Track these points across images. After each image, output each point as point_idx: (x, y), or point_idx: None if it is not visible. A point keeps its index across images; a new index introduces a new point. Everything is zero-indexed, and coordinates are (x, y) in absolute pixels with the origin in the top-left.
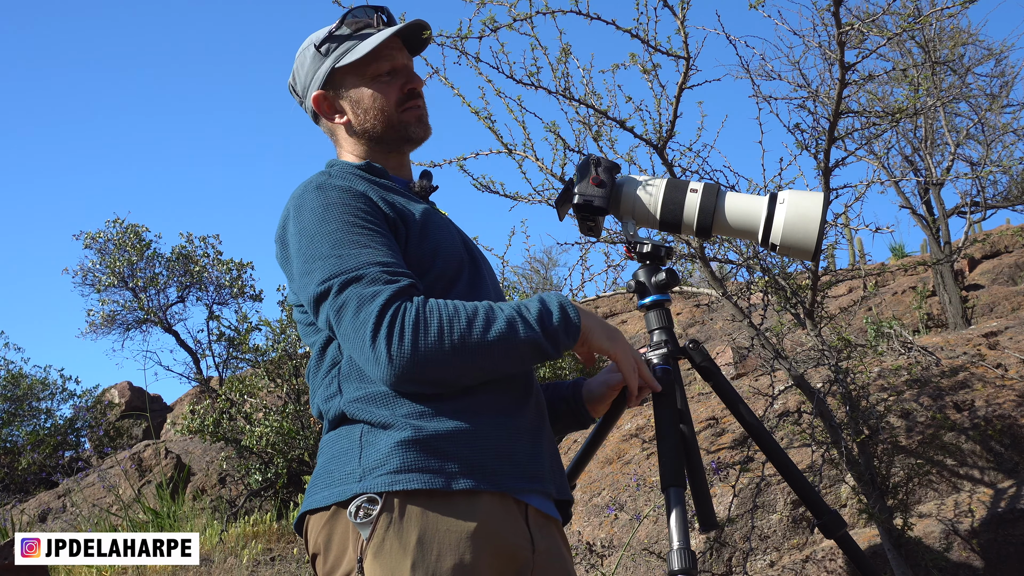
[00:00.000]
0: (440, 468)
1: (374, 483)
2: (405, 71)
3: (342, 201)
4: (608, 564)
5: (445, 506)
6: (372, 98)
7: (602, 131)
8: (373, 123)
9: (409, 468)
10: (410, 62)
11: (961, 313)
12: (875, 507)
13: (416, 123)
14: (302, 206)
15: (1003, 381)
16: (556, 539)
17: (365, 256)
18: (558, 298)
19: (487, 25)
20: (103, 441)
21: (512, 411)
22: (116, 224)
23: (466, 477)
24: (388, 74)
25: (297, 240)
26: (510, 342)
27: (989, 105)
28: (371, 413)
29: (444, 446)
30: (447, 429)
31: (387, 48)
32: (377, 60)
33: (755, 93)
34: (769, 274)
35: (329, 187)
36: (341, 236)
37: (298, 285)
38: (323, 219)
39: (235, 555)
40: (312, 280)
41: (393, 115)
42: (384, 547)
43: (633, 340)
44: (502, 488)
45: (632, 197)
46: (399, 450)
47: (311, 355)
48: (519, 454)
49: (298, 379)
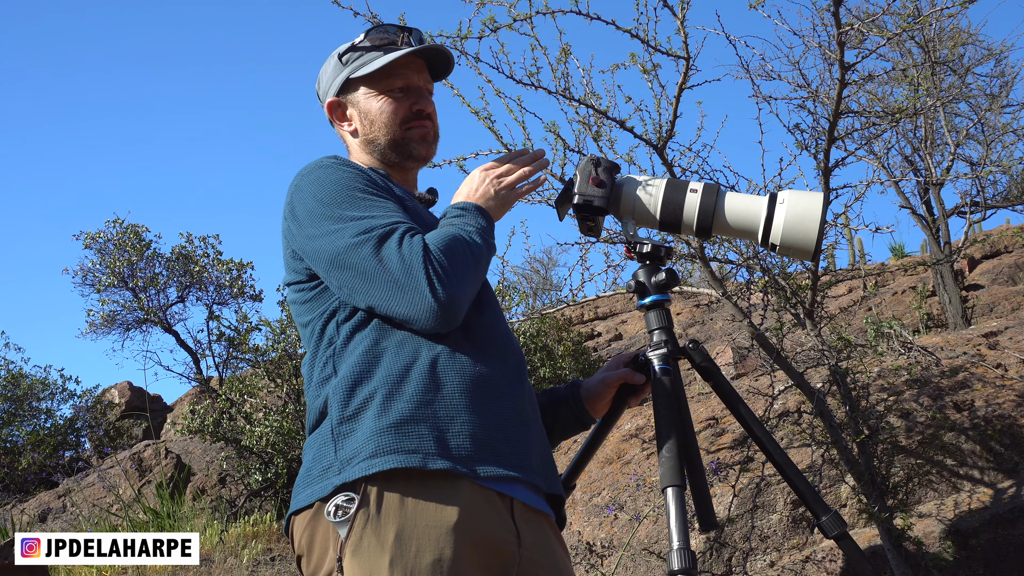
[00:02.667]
0: (416, 448)
1: (352, 471)
2: (418, 92)
3: (358, 177)
4: (608, 564)
5: (423, 490)
6: (379, 111)
7: (602, 131)
8: (376, 135)
9: (385, 451)
10: (427, 85)
11: (961, 313)
12: (875, 507)
13: (419, 141)
14: (320, 178)
15: (1003, 381)
16: (546, 533)
17: (392, 215)
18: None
19: (487, 25)
20: (103, 441)
21: (495, 399)
22: (116, 224)
23: (442, 459)
24: (401, 91)
25: (316, 207)
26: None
27: (989, 105)
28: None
29: (419, 428)
30: (424, 413)
31: (404, 67)
32: (391, 76)
33: (755, 93)
34: (769, 274)
35: (341, 164)
36: (366, 200)
37: (315, 244)
38: (343, 187)
39: (235, 555)
40: (341, 235)
41: (397, 131)
42: (362, 545)
43: (633, 340)
44: (480, 473)
45: (632, 197)
46: (375, 437)
47: (308, 341)
48: (499, 442)
49: (298, 379)
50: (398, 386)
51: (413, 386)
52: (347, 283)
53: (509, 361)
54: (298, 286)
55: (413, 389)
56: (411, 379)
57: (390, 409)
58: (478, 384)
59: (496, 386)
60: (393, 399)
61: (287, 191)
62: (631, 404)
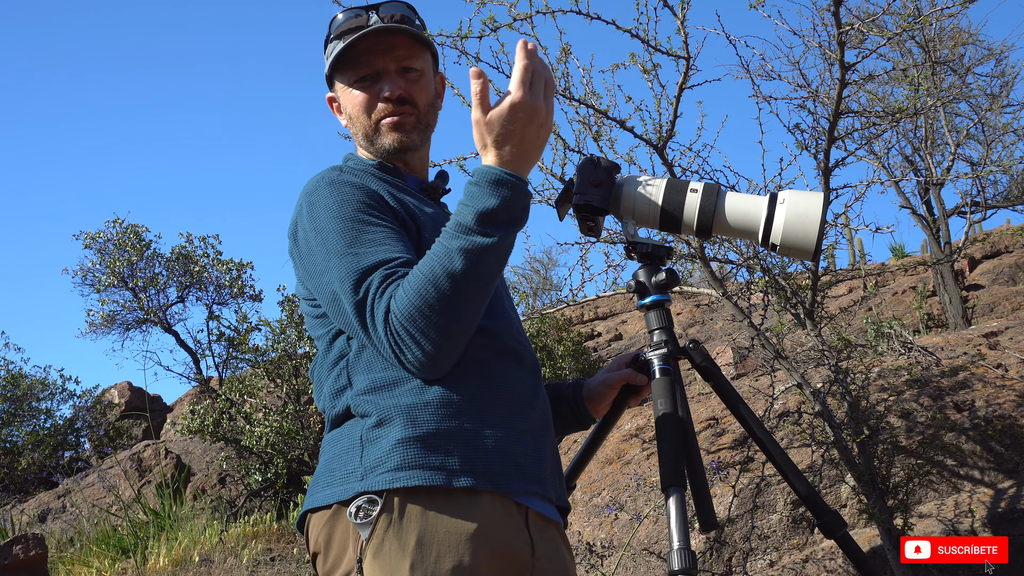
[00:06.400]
0: (441, 465)
1: (375, 481)
2: (386, 75)
3: (355, 198)
4: (608, 564)
5: (445, 505)
6: (352, 106)
7: (602, 131)
8: (355, 130)
9: (410, 465)
10: (403, 62)
11: (961, 313)
12: (875, 507)
13: (389, 133)
14: (315, 203)
15: (1003, 381)
16: (557, 542)
17: (381, 253)
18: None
19: (487, 25)
20: (103, 441)
21: (516, 413)
22: (116, 224)
23: (467, 475)
24: (368, 79)
25: (312, 237)
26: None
27: (989, 105)
28: (376, 404)
29: (445, 444)
30: (449, 427)
31: (366, 52)
32: (355, 65)
33: (755, 93)
34: (769, 274)
35: (341, 183)
36: (355, 234)
37: (313, 281)
38: (337, 215)
39: (235, 555)
40: (330, 277)
41: (368, 125)
42: (383, 548)
43: (633, 340)
44: (502, 489)
45: (632, 197)
46: (400, 447)
47: (318, 349)
48: (521, 456)
49: (298, 379)
50: (422, 397)
51: (438, 398)
52: (339, 320)
53: (528, 369)
54: (309, 300)
55: (438, 401)
56: (435, 390)
57: (416, 420)
58: (501, 395)
59: (518, 398)
60: (419, 410)
61: (295, 207)
62: (631, 404)
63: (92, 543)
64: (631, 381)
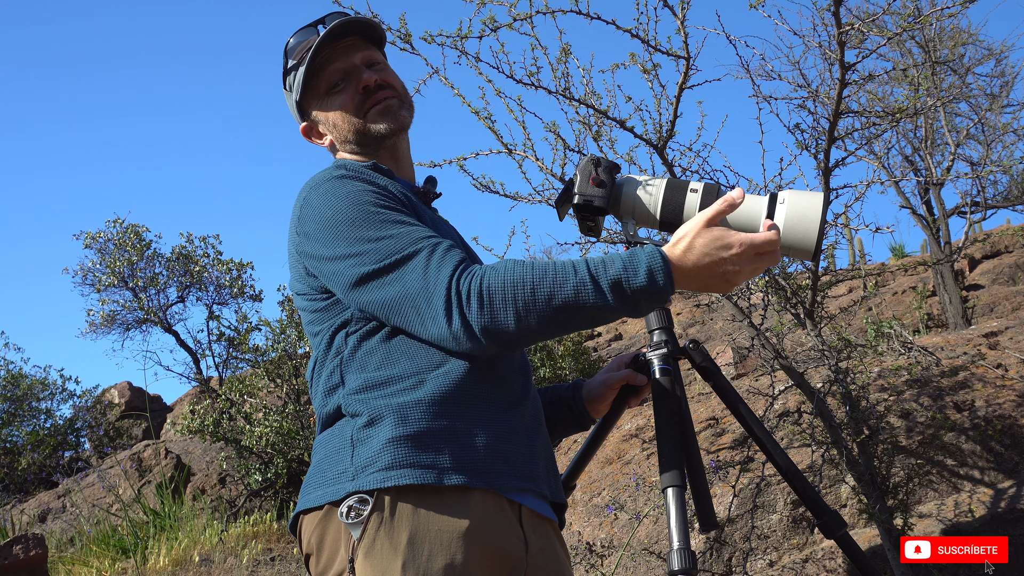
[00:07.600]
0: (432, 463)
1: (366, 481)
2: (355, 71)
3: (372, 187)
4: (608, 564)
5: (436, 503)
6: (336, 114)
7: (602, 131)
8: (345, 134)
9: (401, 464)
10: (366, 55)
11: (961, 313)
12: (875, 507)
13: (380, 119)
14: (330, 193)
15: (1003, 381)
16: (552, 540)
17: (416, 232)
18: (648, 259)
19: (487, 25)
20: (103, 441)
21: (507, 410)
22: (116, 224)
23: (458, 473)
24: (342, 81)
25: (331, 227)
26: (577, 308)
27: (989, 105)
28: (366, 404)
29: (436, 442)
30: (440, 425)
31: (327, 60)
32: (322, 76)
33: (755, 93)
34: (769, 274)
35: (352, 175)
36: (383, 217)
37: (333, 269)
38: (359, 202)
39: (235, 555)
40: (362, 261)
41: (359, 123)
42: (375, 547)
43: (633, 340)
44: (493, 486)
45: (632, 197)
46: (391, 446)
47: (316, 348)
48: (512, 453)
49: (298, 379)
50: (413, 395)
51: (428, 396)
52: (369, 307)
53: (519, 369)
54: (308, 296)
55: (429, 399)
56: (426, 389)
57: (407, 419)
58: (492, 394)
59: (509, 396)
60: (409, 408)
61: (295, 203)
62: (631, 404)
63: (92, 543)
64: (631, 381)
